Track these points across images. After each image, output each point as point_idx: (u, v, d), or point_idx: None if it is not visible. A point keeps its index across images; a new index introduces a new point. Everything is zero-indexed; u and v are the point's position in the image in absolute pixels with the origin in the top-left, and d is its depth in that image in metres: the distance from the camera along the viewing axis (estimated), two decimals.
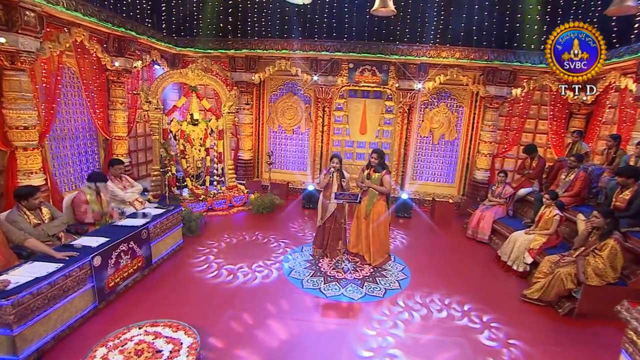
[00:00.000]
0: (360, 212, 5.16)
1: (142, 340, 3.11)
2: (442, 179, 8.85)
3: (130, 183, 5.49)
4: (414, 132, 8.68)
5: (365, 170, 5.15)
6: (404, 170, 8.81)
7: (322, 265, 5.14)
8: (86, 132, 6.64)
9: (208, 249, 5.48)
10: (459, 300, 4.41)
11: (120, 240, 4.07)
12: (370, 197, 5.01)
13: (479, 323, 3.96)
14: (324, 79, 8.19)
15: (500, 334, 3.79)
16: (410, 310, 4.14)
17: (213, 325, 3.69)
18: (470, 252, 6.12)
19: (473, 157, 8.51)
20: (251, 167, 9.20)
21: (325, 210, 5.31)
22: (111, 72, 6.58)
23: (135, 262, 4.36)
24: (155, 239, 4.81)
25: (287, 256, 5.41)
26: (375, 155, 5.01)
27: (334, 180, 5.23)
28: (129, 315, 3.71)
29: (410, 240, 6.40)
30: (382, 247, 5.21)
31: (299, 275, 4.83)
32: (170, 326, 3.33)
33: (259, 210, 7.34)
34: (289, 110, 8.95)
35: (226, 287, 4.43)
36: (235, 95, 7.80)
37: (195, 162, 7.60)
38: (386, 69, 8.04)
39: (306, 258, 5.38)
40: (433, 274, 5.10)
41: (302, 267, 5.08)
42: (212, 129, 7.71)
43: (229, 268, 4.91)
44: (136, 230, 4.38)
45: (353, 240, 5.29)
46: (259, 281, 4.60)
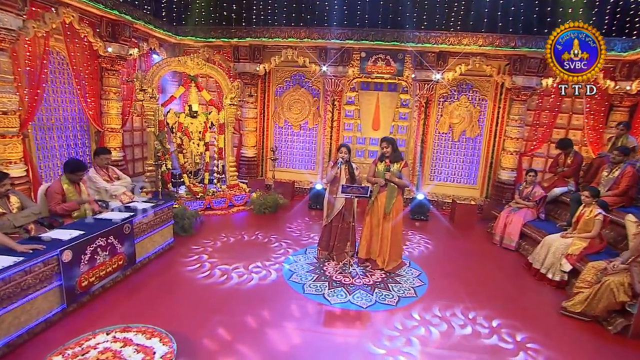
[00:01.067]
0: (375, 211, 4.67)
1: (108, 348, 2.72)
2: (463, 179, 8.32)
3: (118, 175, 5.16)
4: (432, 128, 8.22)
5: (379, 164, 4.68)
6: (421, 170, 8.33)
7: (328, 269, 4.70)
8: (76, 122, 6.39)
9: (202, 247, 5.16)
10: (486, 314, 3.89)
11: (97, 234, 3.71)
12: (390, 192, 4.54)
13: (511, 342, 3.43)
14: (334, 70, 7.82)
15: (539, 357, 3.24)
16: (428, 324, 3.64)
17: (197, 332, 3.28)
18: (496, 258, 5.58)
19: (497, 155, 7.97)
20: (255, 165, 8.84)
21: (332, 208, 4.88)
22: (104, 59, 6.34)
23: (115, 260, 3.99)
24: (140, 235, 4.46)
25: (288, 258, 4.99)
26: (385, 143, 4.56)
27: (342, 173, 4.83)
28: (103, 319, 3.34)
29: (427, 245, 5.89)
30: (397, 250, 4.75)
31: (301, 279, 4.40)
32: (144, 332, 2.94)
33: (260, 210, 6.96)
34: (295, 104, 8.60)
35: (218, 288, 4.06)
36: (238, 86, 7.49)
37: (193, 157, 7.29)
38: (401, 58, 7.62)
39: (310, 261, 4.95)
40: (454, 281, 4.60)
41: (305, 270, 4.65)
42: (212, 123, 7.42)
43: (223, 268, 4.54)
44: (117, 224, 4.03)
45: (364, 245, 4.80)
46: (255, 282, 4.21)
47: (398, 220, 4.62)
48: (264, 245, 5.38)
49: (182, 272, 4.41)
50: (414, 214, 7.27)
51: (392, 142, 4.60)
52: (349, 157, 4.85)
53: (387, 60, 7.69)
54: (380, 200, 4.62)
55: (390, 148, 4.56)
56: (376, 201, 4.67)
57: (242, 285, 4.14)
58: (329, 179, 4.86)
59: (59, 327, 3.23)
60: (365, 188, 4.30)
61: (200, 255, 4.92)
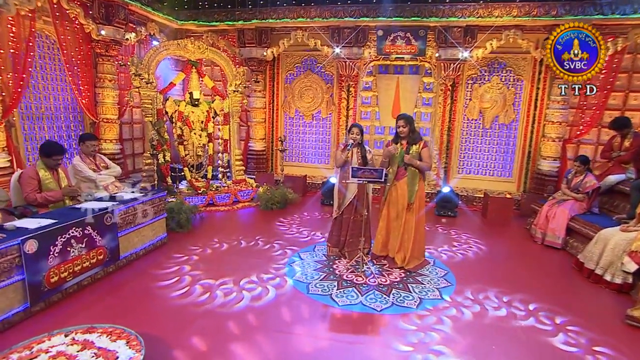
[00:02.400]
0: (394, 201, 4.22)
1: (62, 352, 2.36)
2: (497, 171, 7.71)
3: (107, 164, 4.93)
4: (460, 114, 7.68)
5: (395, 146, 4.24)
6: (448, 162, 7.79)
7: (338, 267, 4.26)
8: (69, 112, 6.24)
9: (185, 255, 4.48)
10: (535, 322, 3.33)
11: (70, 224, 3.41)
12: (411, 178, 4.09)
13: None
14: (348, 52, 7.43)
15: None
16: (459, 331, 3.13)
17: (177, 336, 2.90)
18: (539, 258, 4.98)
19: (537, 143, 7.33)
20: (264, 160, 8.53)
21: (343, 197, 4.45)
22: (98, 44, 6.17)
23: (93, 255, 3.69)
24: (125, 228, 4.16)
25: (293, 256, 4.58)
26: (402, 122, 4.13)
27: (354, 157, 4.41)
28: (74, 320, 3.01)
29: (455, 243, 5.35)
30: (420, 247, 4.27)
31: (306, 278, 3.98)
32: (111, 334, 2.58)
33: (267, 205, 6.60)
34: (307, 92, 8.24)
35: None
36: (243, 72, 7.20)
37: (195, 149, 7.04)
38: (423, 35, 7.14)
39: (319, 259, 4.52)
40: (487, 282, 4.05)
41: (312, 268, 4.23)
42: (215, 112, 7.14)
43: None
44: (96, 213, 3.73)
45: (382, 240, 4.35)
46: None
47: (420, 209, 4.14)
48: (264, 252, 4.68)
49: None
50: (440, 209, 6.73)
51: (410, 121, 4.17)
52: (362, 139, 4.45)
53: (407, 38, 7.23)
54: (401, 188, 4.16)
55: (407, 128, 4.13)
56: (395, 189, 4.22)
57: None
58: (338, 164, 4.45)
59: (19, 329, 2.93)
60: (379, 171, 3.85)
61: (181, 265, 4.19)
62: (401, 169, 4.15)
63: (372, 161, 4.45)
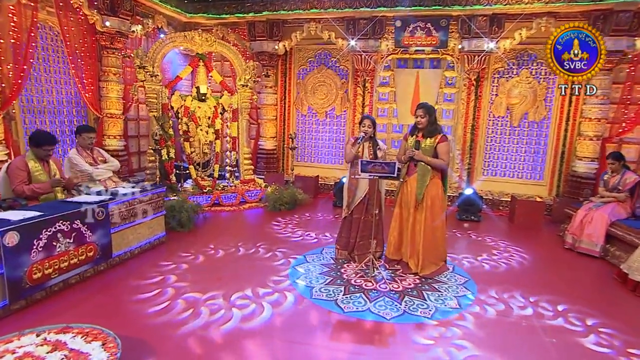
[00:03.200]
0: (405, 200, 4.01)
1: (29, 353, 2.23)
2: (526, 173, 7.33)
3: (105, 158, 4.86)
4: (485, 111, 7.37)
5: (410, 138, 4.02)
6: (471, 162, 7.46)
7: (346, 271, 4.03)
8: (72, 107, 6.25)
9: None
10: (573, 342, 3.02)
11: (57, 216, 3.32)
12: (421, 174, 3.86)
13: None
14: (364, 44, 7.25)
15: None
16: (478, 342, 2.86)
17: (163, 340, 2.74)
18: (574, 267, 4.62)
19: (571, 142, 6.92)
20: (274, 159, 8.40)
21: (353, 195, 4.24)
22: (102, 35, 6.18)
23: (83, 251, 3.59)
24: (119, 224, 4.06)
25: (298, 258, 4.38)
26: (421, 111, 3.90)
27: (365, 152, 4.21)
28: (55, 320, 2.88)
29: (478, 249, 5.03)
30: (436, 250, 3.99)
31: (310, 281, 3.77)
32: (87, 334, 2.45)
33: (275, 206, 6.44)
34: (321, 88, 8.09)
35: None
36: (253, 66, 7.11)
37: (201, 146, 6.96)
38: (445, 25, 6.89)
39: (326, 262, 4.31)
40: (513, 291, 3.74)
41: (317, 271, 4.01)
42: (224, 108, 7.06)
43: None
44: (86, 207, 3.63)
45: (394, 242, 4.13)
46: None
47: (436, 211, 3.87)
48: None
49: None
50: (462, 212, 6.42)
51: (430, 111, 3.93)
52: (374, 132, 4.24)
53: (428, 29, 6.99)
54: (410, 185, 3.93)
55: (426, 118, 3.88)
56: (405, 186, 4.00)
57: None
58: (348, 159, 4.25)
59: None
60: (391, 165, 3.62)
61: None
62: (412, 163, 3.92)
63: (384, 159, 4.23)
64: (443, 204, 3.92)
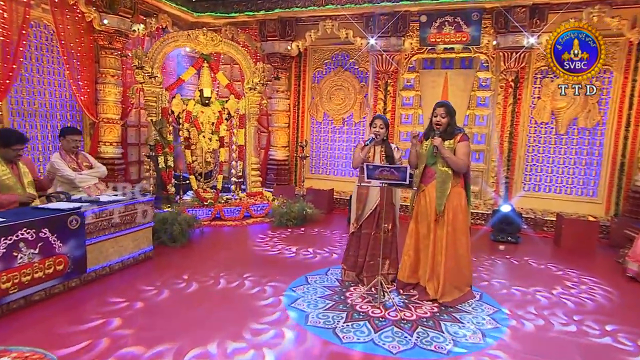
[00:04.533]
0: (423, 212, 3.68)
1: None
2: (576, 188, 6.81)
3: (90, 163, 4.77)
4: (525, 117, 6.96)
5: (425, 142, 3.71)
6: (509, 175, 7.02)
7: (352, 295, 3.70)
8: (66, 110, 6.27)
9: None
10: None
11: (19, 223, 3.16)
12: (441, 181, 3.54)
13: None
14: (385, 43, 7.04)
15: None
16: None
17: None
18: (632, 295, 4.09)
19: (633, 151, 6.37)
20: (286, 170, 8.21)
21: (363, 205, 3.94)
22: (100, 35, 6.22)
23: (50, 264, 3.41)
24: (97, 235, 3.89)
25: (299, 279, 4.08)
26: (442, 110, 3.61)
27: (376, 157, 3.97)
28: (4, 343, 2.69)
29: (514, 276, 4.58)
30: (460, 273, 3.61)
31: (307, 305, 3.45)
32: (27, 359, 2.22)
33: (282, 221, 6.22)
34: (337, 92, 7.93)
35: None
36: (263, 68, 7.01)
37: (204, 155, 6.86)
38: (477, 19, 6.60)
39: (330, 284, 4.00)
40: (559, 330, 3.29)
41: (317, 294, 3.70)
42: (229, 113, 6.96)
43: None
44: (57, 214, 3.48)
45: (409, 263, 3.78)
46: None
47: (459, 225, 3.51)
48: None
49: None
50: (498, 232, 5.97)
51: (452, 112, 3.64)
52: (386, 134, 4.01)
53: (457, 24, 6.73)
54: (429, 194, 3.60)
55: (447, 119, 3.59)
56: (423, 197, 3.67)
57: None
58: (355, 164, 4.00)
59: None
60: (402, 170, 3.30)
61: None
62: (429, 169, 3.62)
63: (401, 162, 3.93)
64: (467, 218, 3.56)
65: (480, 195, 7.24)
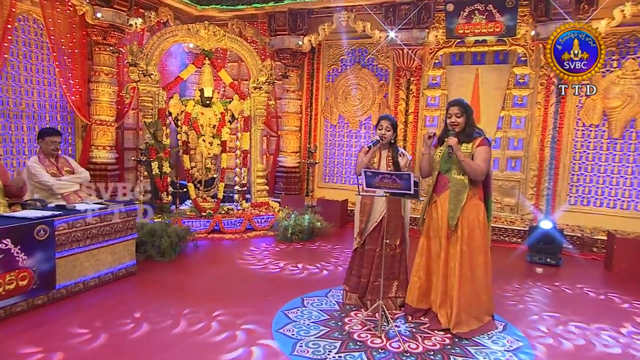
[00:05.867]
0: (434, 227, 3.48)
1: None
2: (633, 203, 6.38)
3: (72, 168, 4.77)
4: (571, 118, 6.62)
5: (440, 147, 3.54)
6: (552, 186, 6.64)
7: (351, 321, 3.52)
8: (56, 111, 6.36)
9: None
10: None
11: None
12: (455, 191, 3.35)
13: None
14: (407, 36, 6.86)
15: None
16: None
17: None
18: None
19: None
20: (296, 179, 8.11)
21: (367, 219, 3.76)
22: (94, 29, 6.28)
23: (11, 278, 3.35)
24: (69, 247, 3.84)
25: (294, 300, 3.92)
26: (457, 109, 3.43)
27: (382, 162, 3.80)
28: None
29: (553, 305, 4.26)
30: (477, 299, 3.36)
31: (297, 332, 3.28)
32: None
33: (286, 235, 6.11)
34: (354, 92, 7.78)
35: None
36: (271, 65, 6.96)
37: (204, 160, 6.81)
38: (512, 6, 6.34)
39: (329, 307, 3.83)
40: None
41: (311, 319, 3.52)
42: (233, 115, 6.94)
43: None
44: (22, 223, 3.43)
45: (419, 285, 3.57)
46: None
47: (476, 244, 3.27)
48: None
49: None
50: (535, 253, 5.66)
51: (468, 111, 3.47)
52: (395, 137, 3.84)
53: (489, 12, 6.48)
54: (441, 206, 3.40)
55: (463, 118, 3.39)
56: (435, 209, 3.48)
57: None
58: (358, 170, 3.80)
59: None
60: (405, 177, 3.08)
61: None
62: (443, 176, 3.42)
63: (408, 168, 3.74)
64: (486, 234, 3.32)
65: (517, 209, 6.92)
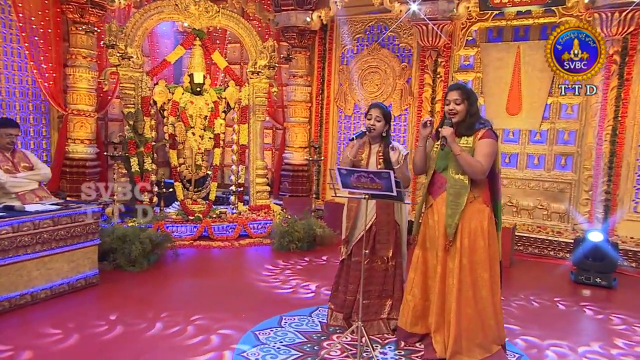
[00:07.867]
0: (432, 236, 3.34)
1: None
2: None
3: (30, 164, 4.80)
4: (637, 106, 6.31)
5: (436, 142, 3.36)
6: (612, 190, 6.32)
7: (331, 345, 3.46)
8: (28, 100, 6.48)
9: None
10: None
11: None
12: (453, 193, 3.17)
13: None
14: (432, 8, 6.75)
15: None
16: None
17: None
18: None
19: None
20: (304, 178, 8.10)
21: (352, 225, 3.70)
22: (70, 6, 6.36)
23: None
24: (13, 254, 3.86)
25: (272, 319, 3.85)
26: (456, 94, 3.23)
27: (371, 159, 3.70)
28: None
29: (595, 336, 4.04)
30: (481, 324, 3.16)
31: (260, 358, 3.21)
32: None
33: (282, 244, 6.14)
34: (372, 77, 7.80)
35: None
36: (272, 46, 6.93)
37: (194, 156, 6.82)
38: None
39: (309, 329, 3.77)
40: None
41: (283, 342, 3.47)
42: (228, 104, 6.96)
43: None
44: None
45: (414, 305, 3.41)
46: None
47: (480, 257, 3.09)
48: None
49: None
50: (582, 272, 5.37)
51: (471, 97, 3.25)
52: (388, 129, 3.74)
53: None
54: (437, 211, 3.23)
55: (463, 106, 3.19)
56: (431, 214, 3.33)
57: None
58: (344, 164, 3.71)
59: None
60: (385, 176, 2.91)
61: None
62: (439, 175, 3.25)
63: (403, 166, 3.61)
64: (493, 246, 3.10)
65: (567, 217, 6.62)
